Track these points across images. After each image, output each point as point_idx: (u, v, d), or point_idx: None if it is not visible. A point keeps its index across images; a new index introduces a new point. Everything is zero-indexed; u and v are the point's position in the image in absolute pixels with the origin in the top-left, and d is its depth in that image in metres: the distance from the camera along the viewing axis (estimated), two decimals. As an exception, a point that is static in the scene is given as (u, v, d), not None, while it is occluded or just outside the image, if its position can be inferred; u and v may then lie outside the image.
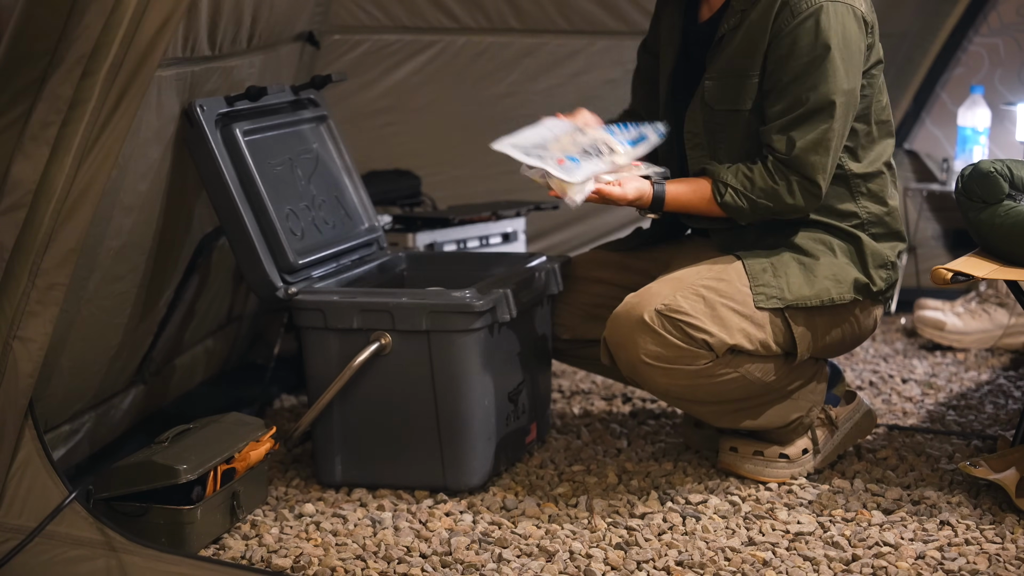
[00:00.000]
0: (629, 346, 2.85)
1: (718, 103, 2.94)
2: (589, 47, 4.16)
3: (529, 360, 3.15)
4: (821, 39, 2.83)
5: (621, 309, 2.87)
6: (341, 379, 2.90)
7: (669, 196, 2.90)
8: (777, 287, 2.89)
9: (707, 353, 2.83)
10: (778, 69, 2.87)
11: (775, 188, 2.88)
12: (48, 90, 2.34)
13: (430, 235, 3.75)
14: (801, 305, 2.90)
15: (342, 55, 4.00)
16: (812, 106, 2.84)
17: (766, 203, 2.89)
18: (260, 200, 3.01)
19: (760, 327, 2.87)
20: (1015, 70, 4.54)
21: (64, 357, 2.71)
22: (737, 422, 2.98)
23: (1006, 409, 3.53)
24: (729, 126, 2.94)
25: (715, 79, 2.94)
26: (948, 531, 2.73)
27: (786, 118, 2.86)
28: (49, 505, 2.46)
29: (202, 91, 2.98)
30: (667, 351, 2.82)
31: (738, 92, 2.92)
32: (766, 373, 2.91)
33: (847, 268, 2.96)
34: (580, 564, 2.60)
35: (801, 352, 2.92)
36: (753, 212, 2.90)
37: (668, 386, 2.87)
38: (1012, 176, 3.00)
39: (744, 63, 2.91)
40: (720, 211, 2.92)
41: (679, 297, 2.83)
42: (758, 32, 2.89)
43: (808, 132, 2.85)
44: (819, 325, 2.95)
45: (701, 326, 2.81)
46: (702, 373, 2.84)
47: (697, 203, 2.92)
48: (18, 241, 2.38)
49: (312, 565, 2.61)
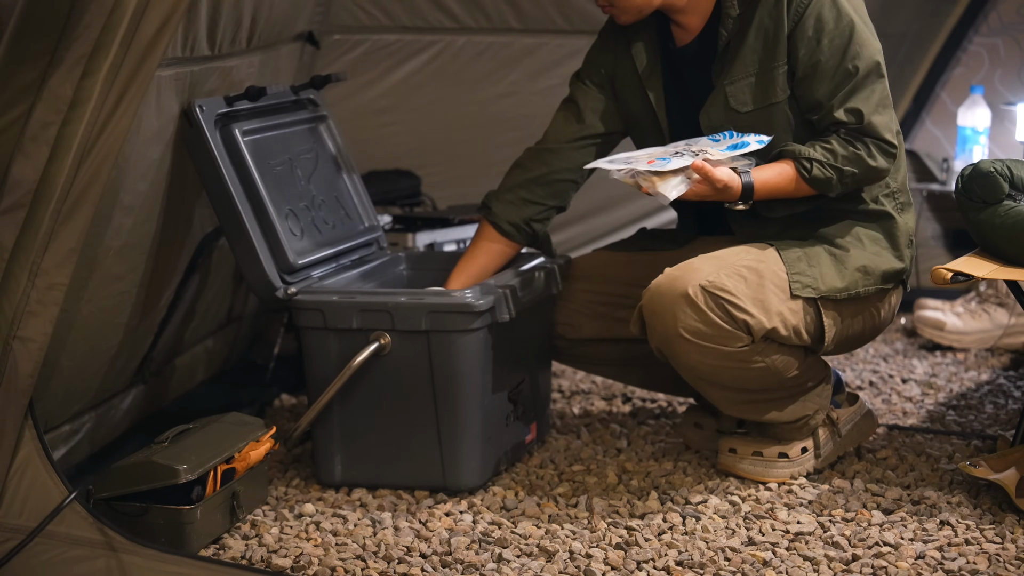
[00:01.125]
0: (668, 318, 2.83)
1: (745, 105, 2.95)
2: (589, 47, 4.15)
3: (529, 360, 3.15)
4: (843, 11, 2.89)
5: (663, 279, 2.86)
6: (341, 379, 2.90)
7: (758, 183, 2.89)
8: (812, 276, 2.90)
9: (745, 336, 2.83)
10: (812, 51, 2.89)
11: (857, 153, 2.90)
12: (48, 90, 2.34)
13: (430, 235, 3.76)
14: (832, 297, 2.92)
15: (342, 55, 4.00)
16: (863, 73, 2.89)
17: (852, 169, 2.90)
18: (260, 200, 3.01)
19: (795, 313, 2.88)
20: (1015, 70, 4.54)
21: (64, 357, 2.71)
22: (746, 412, 2.98)
23: (1006, 409, 3.53)
24: (763, 124, 2.95)
25: (737, 82, 2.94)
26: (948, 531, 2.73)
27: (842, 92, 2.89)
28: (49, 505, 2.46)
29: (202, 91, 2.98)
30: (707, 328, 2.81)
31: (768, 87, 2.93)
32: (788, 367, 2.91)
33: (875, 259, 2.98)
34: (580, 564, 2.60)
35: (827, 342, 2.94)
36: (840, 182, 2.91)
37: (697, 363, 2.86)
38: (1012, 176, 3.00)
39: (767, 57, 2.92)
40: (807, 189, 2.92)
41: (723, 275, 2.83)
42: (773, 23, 2.90)
43: (868, 97, 2.89)
44: (845, 317, 2.97)
45: (743, 307, 2.81)
46: (734, 356, 2.84)
47: (785, 185, 2.91)
48: (18, 241, 2.38)
49: (312, 565, 2.61)
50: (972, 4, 4.50)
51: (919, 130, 4.64)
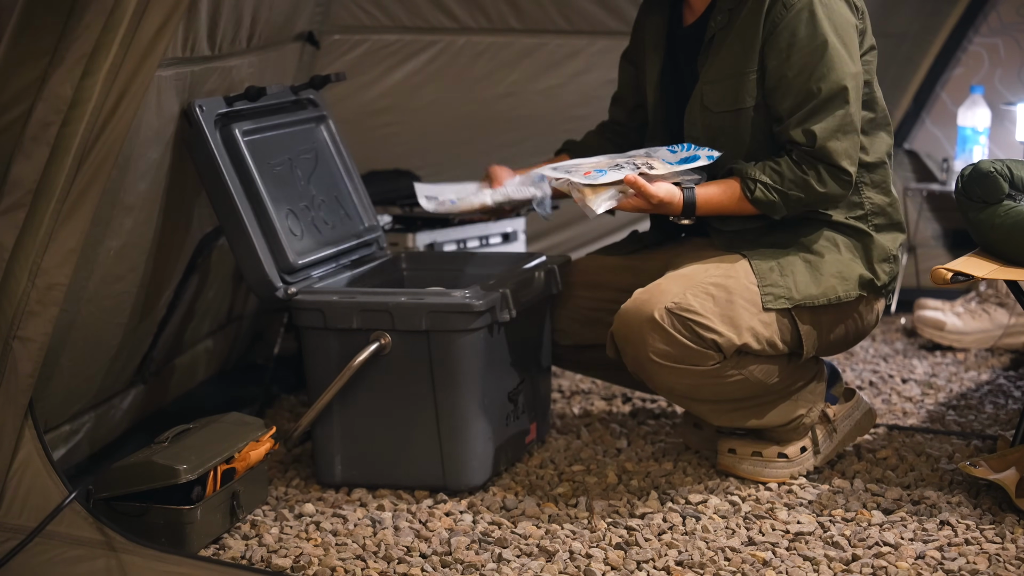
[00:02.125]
0: (637, 342, 2.84)
1: (718, 105, 2.94)
2: (589, 47, 4.16)
3: (529, 360, 3.15)
4: (819, 29, 2.84)
5: (630, 304, 2.87)
6: (341, 379, 2.90)
7: (700, 199, 2.89)
8: (784, 286, 2.89)
9: (715, 354, 2.83)
10: (781, 64, 2.87)
11: (805, 178, 2.87)
12: (48, 90, 2.34)
13: (430, 235, 3.75)
14: (808, 304, 2.90)
15: (342, 55, 4.00)
16: (825, 95, 2.85)
17: (798, 194, 2.88)
18: (260, 200, 3.01)
19: (767, 326, 2.87)
20: (1015, 70, 4.54)
21: (64, 357, 2.71)
22: (737, 421, 2.98)
23: (1006, 409, 3.53)
24: (732, 127, 2.94)
25: (712, 82, 2.94)
26: (948, 531, 2.73)
27: (801, 111, 2.86)
28: (49, 505, 2.46)
29: (202, 91, 2.98)
30: (676, 350, 2.82)
31: (738, 91, 2.92)
32: (768, 375, 2.91)
33: (852, 265, 2.96)
34: (580, 564, 2.60)
35: (807, 350, 2.93)
36: (786, 205, 2.90)
37: (673, 384, 2.87)
38: (1012, 176, 3.00)
39: (740, 62, 2.91)
40: (752, 209, 2.91)
41: (689, 295, 2.83)
42: (750, 29, 2.89)
43: (826, 120, 2.85)
44: (824, 323, 2.95)
45: (711, 326, 2.81)
46: (708, 373, 2.84)
47: (728, 203, 2.91)
48: (18, 241, 2.39)
49: (312, 565, 2.61)
50: (972, 4, 4.50)
51: (919, 130, 4.64)
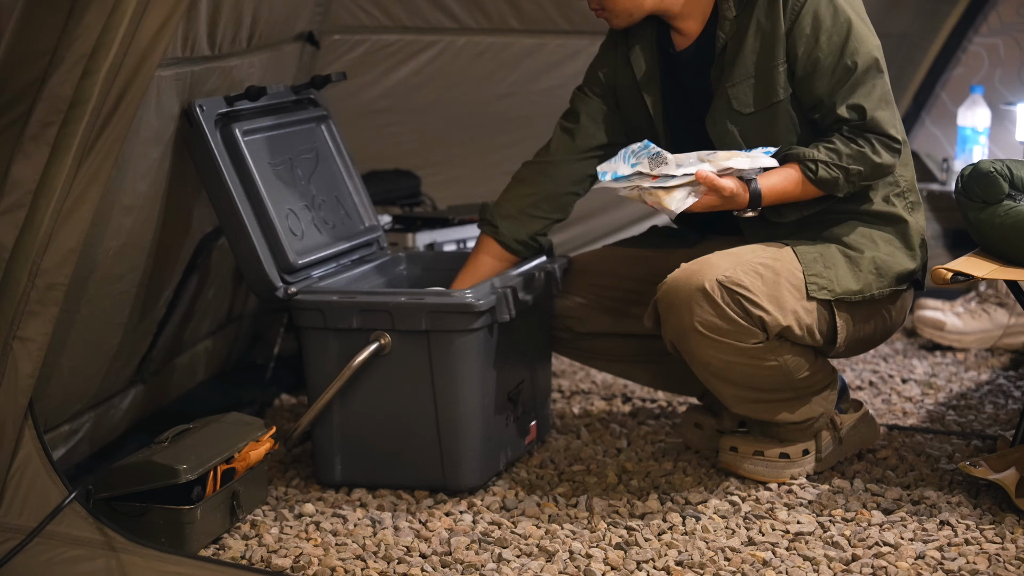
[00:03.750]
0: (684, 311, 2.83)
1: (748, 106, 2.94)
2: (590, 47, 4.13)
3: (529, 360, 3.15)
4: (839, 8, 2.89)
5: (680, 273, 2.86)
6: (341, 379, 2.90)
7: (765, 189, 2.88)
8: (827, 278, 2.91)
9: (760, 333, 2.83)
10: (811, 49, 2.89)
11: (861, 151, 2.89)
12: (48, 90, 2.34)
13: (430, 235, 3.75)
14: (847, 299, 2.92)
15: (342, 55, 4.00)
16: (862, 68, 2.88)
17: (857, 168, 2.90)
18: (260, 200, 3.01)
19: (809, 313, 2.88)
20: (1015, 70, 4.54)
21: (64, 357, 2.71)
22: (754, 411, 2.98)
23: (1006, 409, 3.53)
24: (767, 124, 2.94)
25: (738, 84, 2.94)
26: (948, 531, 2.73)
27: (843, 89, 2.89)
28: (49, 505, 2.46)
29: (202, 91, 2.98)
30: (723, 322, 2.81)
31: (768, 87, 2.93)
32: (799, 367, 2.91)
33: (888, 260, 2.98)
34: (580, 564, 2.60)
35: (839, 343, 2.94)
36: (847, 180, 2.91)
37: (711, 359, 2.86)
38: (1012, 176, 3.00)
39: (766, 57, 2.92)
40: (815, 191, 2.92)
41: (739, 271, 2.83)
42: (770, 22, 2.90)
43: (869, 92, 2.89)
44: (858, 318, 2.97)
45: (759, 303, 2.81)
46: (748, 352, 2.84)
47: (791, 189, 2.91)
48: (18, 241, 2.39)
49: (312, 565, 2.61)
50: (972, 4, 4.50)
51: (919, 130, 4.65)
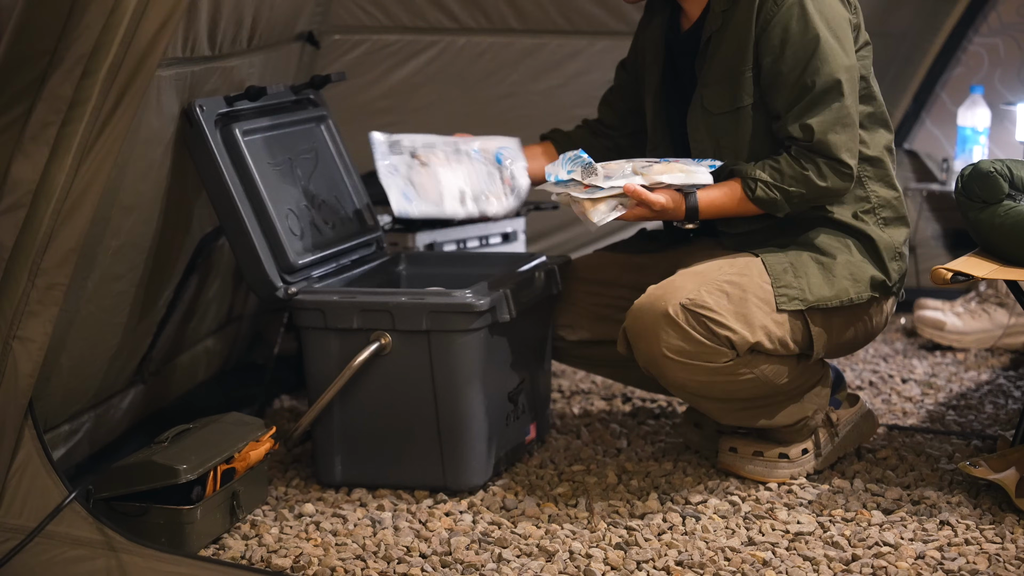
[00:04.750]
0: (651, 338, 2.84)
1: (717, 107, 2.94)
2: (590, 47, 4.16)
3: (529, 360, 3.15)
4: (811, 23, 2.85)
5: (644, 300, 2.86)
6: (341, 379, 2.90)
7: (703, 203, 2.89)
8: (798, 288, 2.89)
9: (729, 351, 2.82)
10: (775, 60, 2.87)
11: (804, 174, 2.87)
12: (48, 90, 2.34)
13: (430, 235, 3.75)
14: (821, 306, 2.91)
15: (342, 55, 4.00)
16: (820, 89, 2.85)
17: (799, 190, 2.88)
18: (260, 200, 3.01)
19: (780, 325, 2.87)
20: (1015, 70, 4.54)
21: (64, 357, 2.71)
22: (743, 420, 2.98)
23: (1006, 409, 3.53)
24: (733, 127, 2.94)
25: (711, 84, 2.95)
26: (948, 531, 2.73)
27: (797, 106, 2.87)
28: (49, 505, 2.46)
29: (202, 91, 2.98)
30: (689, 346, 2.81)
31: (735, 91, 2.92)
32: (779, 375, 2.91)
33: (863, 266, 2.96)
34: (580, 564, 2.60)
35: (817, 351, 2.93)
36: (788, 202, 2.90)
37: (685, 381, 2.87)
38: (1012, 176, 3.00)
39: (735, 61, 2.91)
40: (755, 209, 2.91)
41: (704, 292, 2.82)
42: (743, 27, 2.89)
43: (823, 114, 2.86)
44: (835, 324, 2.96)
45: (725, 323, 2.81)
46: (721, 371, 2.84)
47: (731, 205, 2.91)
48: (18, 241, 2.39)
49: (312, 565, 2.61)
50: (972, 4, 4.49)
51: (919, 130, 4.64)
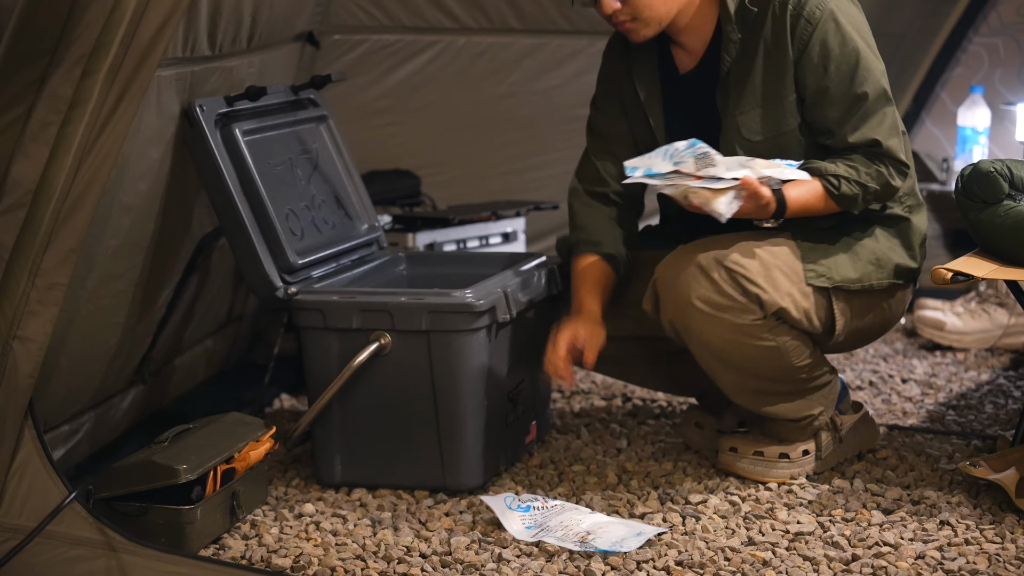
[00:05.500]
0: (681, 287, 2.85)
1: (758, 134, 2.95)
2: (590, 47, 4.16)
3: (528, 360, 3.15)
4: (847, 36, 2.89)
5: (677, 253, 2.89)
6: (341, 379, 2.90)
7: (790, 201, 2.88)
8: (826, 266, 2.92)
9: (757, 309, 2.84)
10: (819, 78, 2.90)
11: (880, 170, 2.92)
12: (48, 90, 2.34)
13: (430, 235, 3.76)
14: (845, 287, 2.93)
15: (342, 55, 4.00)
16: (872, 98, 2.90)
17: (874, 186, 2.92)
18: (260, 200, 3.01)
19: (806, 297, 2.89)
20: (1015, 70, 4.54)
21: (64, 357, 2.71)
22: (753, 403, 2.98)
23: (1006, 409, 3.53)
24: (776, 151, 2.94)
25: (747, 112, 2.94)
26: (948, 531, 2.73)
27: (853, 118, 2.90)
28: (49, 505, 2.46)
29: (202, 91, 2.98)
30: (720, 298, 2.82)
31: (779, 117, 2.94)
32: (798, 353, 2.91)
33: (888, 253, 2.99)
34: (580, 564, 2.60)
35: (838, 332, 2.95)
36: (864, 197, 2.93)
37: (709, 336, 2.87)
38: (1012, 176, 3.00)
39: (776, 87, 2.92)
40: (834, 207, 2.93)
41: (736, 252, 2.84)
42: (779, 52, 2.91)
43: (880, 121, 2.91)
44: (856, 308, 2.98)
45: (756, 281, 2.83)
46: (746, 330, 2.84)
47: (814, 202, 2.92)
48: (18, 241, 2.39)
49: (312, 565, 2.61)
50: (972, 4, 4.50)
51: (919, 130, 4.64)
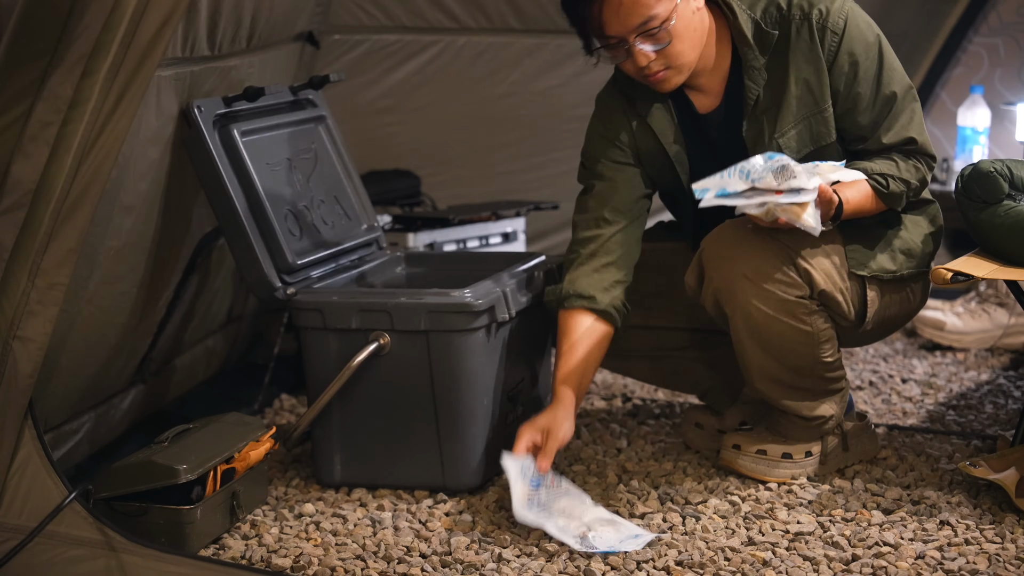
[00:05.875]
0: (732, 259, 2.86)
1: (801, 150, 2.96)
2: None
3: (528, 360, 3.15)
4: (868, 40, 2.93)
5: (724, 226, 2.90)
6: (340, 379, 2.90)
7: (846, 203, 2.89)
8: (865, 255, 2.95)
9: (805, 286, 2.86)
10: (850, 85, 2.92)
11: (917, 166, 2.97)
12: (48, 90, 2.35)
13: (430, 235, 3.76)
14: (880, 276, 2.96)
15: (342, 55, 4.00)
16: (901, 96, 2.94)
17: (915, 182, 2.97)
18: (258, 201, 3.01)
19: (846, 283, 2.92)
20: (1015, 70, 4.55)
21: (64, 357, 2.71)
22: (773, 391, 2.97)
23: (1006, 409, 3.53)
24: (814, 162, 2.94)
25: (787, 132, 2.94)
26: (948, 531, 2.73)
27: (887, 119, 2.94)
28: (49, 505, 2.46)
29: (201, 91, 2.98)
30: (771, 269, 2.84)
31: (818, 129, 2.95)
32: (828, 347, 2.93)
33: (917, 241, 3.03)
34: (580, 564, 2.60)
35: (868, 319, 2.97)
36: (907, 194, 2.98)
37: (752, 309, 2.86)
38: (1012, 176, 3.00)
39: (811, 102, 2.94)
40: (882, 207, 2.96)
41: (784, 231, 2.85)
42: (811, 67, 2.92)
43: (910, 119, 2.96)
44: (886, 298, 3.01)
45: (807, 258, 2.85)
46: (790, 307, 2.85)
47: (866, 203, 2.94)
48: (18, 241, 2.39)
49: (312, 565, 2.61)
50: (972, 4, 4.50)
51: (919, 130, 4.64)
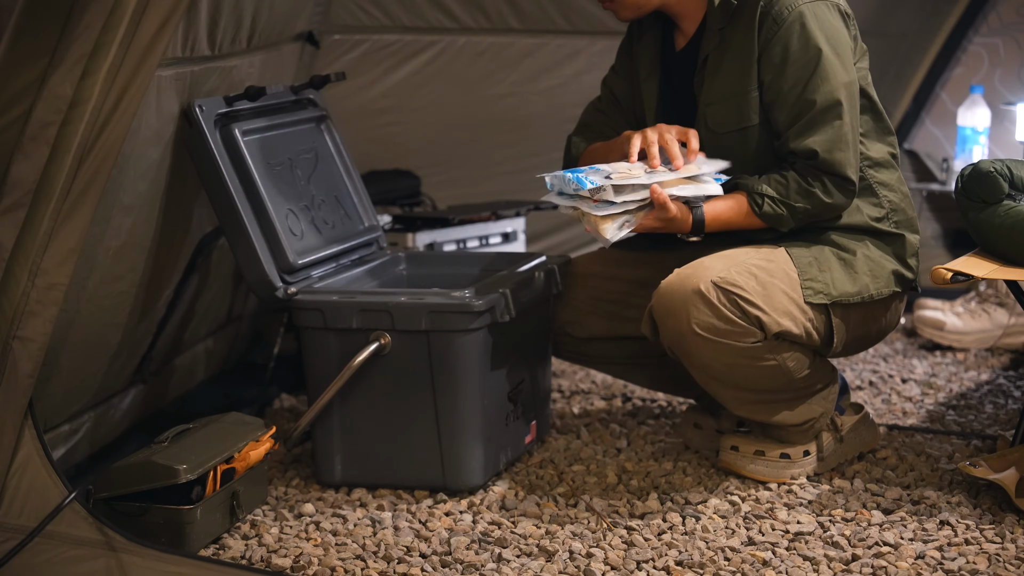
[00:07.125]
0: (681, 315, 2.83)
1: (722, 126, 2.95)
2: (590, 47, 4.16)
3: (528, 360, 3.15)
4: (811, 42, 2.86)
5: (673, 278, 2.86)
6: (341, 379, 2.90)
7: (709, 216, 2.90)
8: (823, 282, 2.91)
9: (758, 332, 2.83)
10: (776, 78, 2.89)
11: (811, 190, 2.90)
12: (48, 90, 2.35)
13: (430, 235, 3.76)
14: (843, 301, 2.93)
15: (342, 55, 4.00)
16: (821, 107, 2.87)
17: (804, 206, 2.91)
18: (259, 200, 3.01)
19: (804, 314, 2.89)
20: (1015, 70, 4.54)
21: (64, 357, 2.71)
22: (754, 413, 2.98)
23: (1006, 409, 3.53)
24: (739, 146, 2.95)
25: (714, 103, 2.95)
26: (948, 531, 2.73)
27: (799, 124, 2.89)
28: (49, 505, 2.46)
29: (201, 91, 2.98)
30: (720, 323, 2.81)
31: (741, 110, 2.93)
32: (799, 366, 2.91)
33: (882, 262, 2.99)
34: (580, 564, 2.60)
35: (836, 345, 2.95)
36: (792, 217, 2.92)
37: (710, 361, 2.86)
38: (1012, 176, 3.00)
39: (740, 81, 2.92)
40: (760, 223, 2.93)
41: (734, 272, 2.83)
42: (745, 47, 2.91)
43: (824, 133, 2.88)
44: (853, 320, 2.98)
45: (756, 303, 2.82)
46: (747, 353, 2.84)
47: (737, 219, 2.93)
48: (18, 241, 2.39)
49: (312, 565, 2.61)
50: (972, 4, 4.50)
51: (919, 130, 4.64)
